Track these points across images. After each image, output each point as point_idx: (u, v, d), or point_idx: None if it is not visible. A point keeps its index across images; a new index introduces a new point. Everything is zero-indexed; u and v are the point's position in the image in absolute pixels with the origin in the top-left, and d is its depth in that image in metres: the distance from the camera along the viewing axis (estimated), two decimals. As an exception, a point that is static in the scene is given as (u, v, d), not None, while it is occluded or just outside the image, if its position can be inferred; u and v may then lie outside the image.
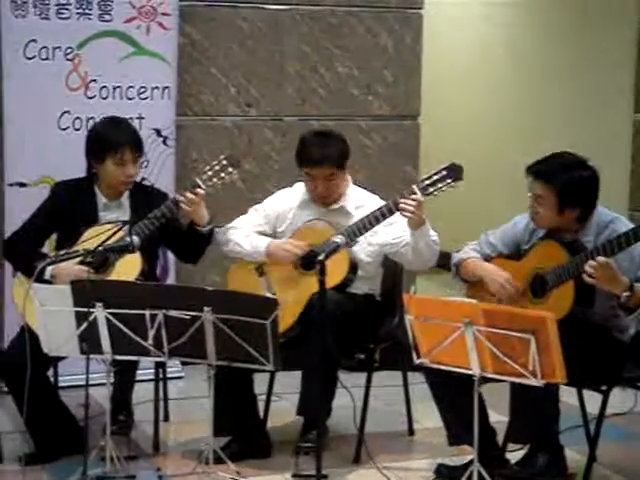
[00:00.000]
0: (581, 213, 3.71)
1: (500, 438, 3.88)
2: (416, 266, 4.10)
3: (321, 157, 4.06)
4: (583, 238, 3.70)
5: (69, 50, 4.80)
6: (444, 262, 4.26)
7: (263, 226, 4.24)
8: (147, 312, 3.49)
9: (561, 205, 3.68)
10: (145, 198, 4.12)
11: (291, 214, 4.22)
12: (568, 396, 3.92)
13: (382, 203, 3.98)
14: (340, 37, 5.50)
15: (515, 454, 3.82)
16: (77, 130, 4.79)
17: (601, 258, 3.46)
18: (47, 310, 3.56)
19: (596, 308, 3.65)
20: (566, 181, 3.67)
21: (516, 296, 3.75)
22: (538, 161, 3.76)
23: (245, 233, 4.20)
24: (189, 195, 3.98)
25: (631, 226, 3.62)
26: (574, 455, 3.90)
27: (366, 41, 5.55)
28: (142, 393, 4.32)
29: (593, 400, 3.80)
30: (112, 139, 4.01)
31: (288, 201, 4.25)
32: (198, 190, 3.99)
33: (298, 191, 4.25)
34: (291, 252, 4.06)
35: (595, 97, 6.45)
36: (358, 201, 4.17)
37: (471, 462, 3.51)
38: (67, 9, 4.77)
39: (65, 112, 4.81)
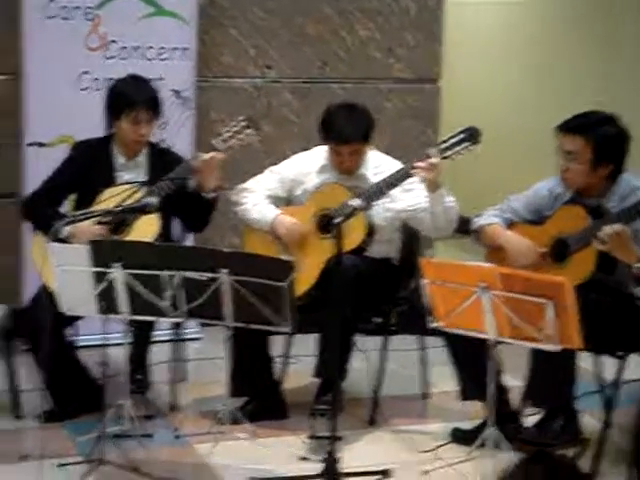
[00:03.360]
0: (612, 171, 3.67)
1: (515, 402, 3.90)
2: (434, 232, 4.07)
3: (349, 134, 4.03)
4: (608, 204, 3.67)
5: (89, 10, 4.79)
6: (463, 227, 4.25)
7: (277, 190, 4.22)
8: (165, 273, 3.50)
9: (596, 159, 3.64)
10: (162, 160, 4.11)
11: (308, 178, 4.20)
12: (585, 361, 3.91)
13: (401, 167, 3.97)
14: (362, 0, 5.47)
15: (530, 419, 3.83)
16: (96, 90, 4.78)
17: (617, 225, 3.44)
18: (65, 269, 3.58)
19: (617, 275, 3.63)
20: (602, 134, 3.65)
21: (537, 263, 3.73)
22: (571, 117, 3.72)
23: (255, 200, 4.17)
24: (206, 155, 3.96)
25: None
26: (590, 420, 3.90)
27: (388, 4, 5.50)
28: (160, 354, 4.35)
29: (610, 366, 3.79)
30: (128, 97, 4.01)
31: (306, 165, 4.23)
32: (216, 153, 3.97)
33: (318, 155, 4.23)
34: (291, 234, 4.06)
35: (612, 69, 6.38)
36: (377, 167, 4.15)
37: (483, 424, 3.52)
38: (87, -31, 4.76)
39: (84, 72, 4.81)
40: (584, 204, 3.71)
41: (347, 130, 4.04)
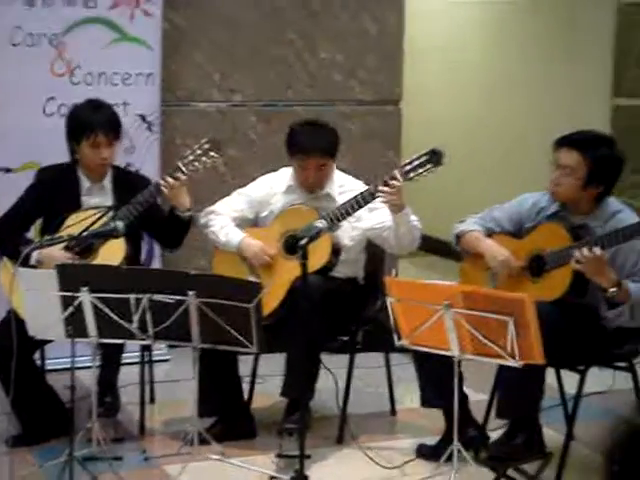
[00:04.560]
0: (601, 193, 3.74)
1: (479, 416, 3.96)
2: (398, 250, 4.15)
3: (313, 147, 4.09)
4: (592, 222, 3.73)
5: (54, 37, 4.83)
6: (426, 245, 4.32)
7: (245, 211, 4.28)
8: (132, 296, 3.53)
9: (589, 178, 3.70)
10: (128, 183, 4.15)
11: (275, 199, 4.25)
12: (546, 375, 3.99)
13: (365, 188, 4.03)
14: (324, 22, 5.53)
15: (494, 433, 3.89)
16: (62, 116, 4.78)
17: (596, 249, 3.50)
18: (33, 294, 3.60)
19: (588, 298, 3.68)
20: (600, 154, 3.71)
21: (513, 275, 3.80)
22: (572, 133, 3.79)
23: (222, 223, 4.22)
24: (170, 180, 4.01)
25: (635, 219, 3.66)
26: (552, 434, 3.97)
27: (349, 26, 5.58)
28: (128, 376, 4.36)
29: (571, 379, 3.87)
30: (86, 122, 4.05)
31: (273, 186, 4.29)
32: (179, 175, 4.02)
33: (284, 176, 4.28)
34: (258, 256, 4.12)
35: (574, 80, 6.50)
36: (342, 187, 4.21)
37: (446, 437, 3.59)
38: (52, -4, 4.79)
39: (50, 98, 4.84)
40: (568, 221, 3.76)
41: (311, 143, 4.11)
